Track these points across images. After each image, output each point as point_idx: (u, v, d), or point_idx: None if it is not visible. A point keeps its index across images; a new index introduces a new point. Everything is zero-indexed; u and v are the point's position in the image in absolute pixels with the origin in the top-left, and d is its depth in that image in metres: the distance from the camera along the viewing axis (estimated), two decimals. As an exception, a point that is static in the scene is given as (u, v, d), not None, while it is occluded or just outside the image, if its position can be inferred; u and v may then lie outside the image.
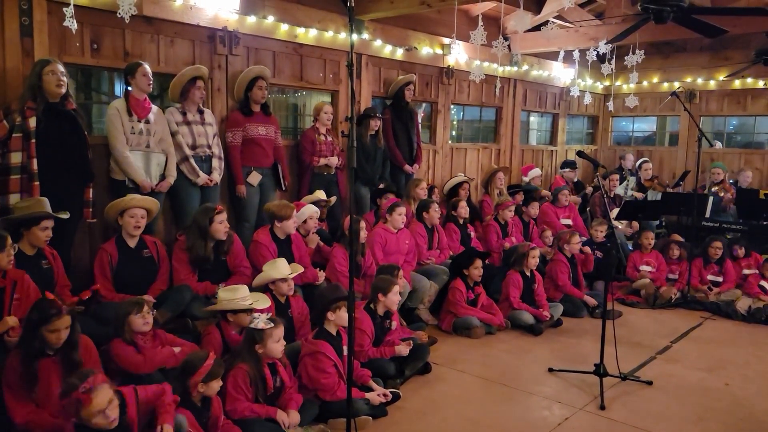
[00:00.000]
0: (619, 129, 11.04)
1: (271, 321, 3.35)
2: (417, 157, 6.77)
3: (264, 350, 3.32)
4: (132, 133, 4.40)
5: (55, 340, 2.94)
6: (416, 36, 7.07)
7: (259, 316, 3.36)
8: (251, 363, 3.28)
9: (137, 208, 4.12)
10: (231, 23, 5.24)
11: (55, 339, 2.94)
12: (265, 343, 3.31)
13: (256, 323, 3.32)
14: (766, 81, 8.89)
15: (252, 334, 3.33)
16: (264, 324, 3.29)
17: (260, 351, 3.32)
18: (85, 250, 4.56)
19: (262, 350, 3.32)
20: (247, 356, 3.30)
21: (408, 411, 3.83)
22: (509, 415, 3.81)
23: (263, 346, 3.32)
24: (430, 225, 5.98)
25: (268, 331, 3.30)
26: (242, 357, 3.30)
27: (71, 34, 4.17)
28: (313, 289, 4.66)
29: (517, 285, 5.57)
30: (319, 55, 6.08)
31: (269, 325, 3.31)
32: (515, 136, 8.80)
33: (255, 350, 3.31)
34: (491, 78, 6.64)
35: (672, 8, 4.92)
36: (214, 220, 4.31)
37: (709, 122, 10.10)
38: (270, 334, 3.30)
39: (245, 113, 5.24)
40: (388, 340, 4.35)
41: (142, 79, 4.41)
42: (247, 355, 3.31)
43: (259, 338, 3.31)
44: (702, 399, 4.09)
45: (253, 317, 3.40)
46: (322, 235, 5.35)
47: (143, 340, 3.40)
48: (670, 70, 9.71)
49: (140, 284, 4.10)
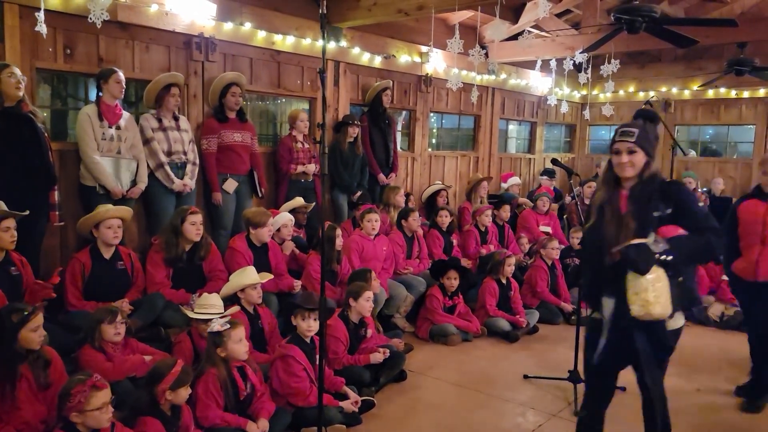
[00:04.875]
0: (597, 137, 11.17)
1: (228, 323, 3.32)
2: (393, 165, 6.77)
3: (226, 353, 3.29)
4: (103, 138, 4.36)
5: (38, 339, 2.91)
6: (394, 44, 7.11)
7: (216, 320, 3.33)
8: (220, 367, 3.25)
9: (113, 219, 4.07)
10: (207, 30, 5.22)
11: (37, 338, 2.90)
12: (225, 346, 3.28)
13: (212, 327, 3.29)
14: (739, 91, 9.07)
15: (212, 338, 3.30)
16: (220, 326, 3.26)
17: (223, 354, 3.29)
18: (57, 258, 4.49)
19: (225, 353, 3.29)
20: (215, 361, 3.27)
21: (382, 419, 3.82)
22: (483, 422, 3.82)
23: (225, 348, 3.28)
24: (409, 233, 5.98)
25: (227, 333, 3.27)
26: (210, 362, 3.27)
27: (44, 39, 4.12)
28: (289, 298, 4.64)
29: (493, 293, 5.59)
30: (297, 63, 6.08)
31: (226, 326, 3.28)
32: (494, 144, 8.87)
33: (218, 354, 3.28)
34: (469, 86, 6.70)
35: (644, 18, 5.00)
36: (186, 220, 4.27)
37: (685, 131, 10.27)
38: (229, 336, 3.27)
39: (220, 120, 5.21)
40: (364, 347, 4.34)
41: (114, 86, 4.38)
42: (214, 360, 3.27)
43: (219, 341, 3.28)
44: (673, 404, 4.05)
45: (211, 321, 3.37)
46: (298, 243, 5.33)
47: (113, 348, 3.35)
48: (645, 80, 9.86)
49: (111, 296, 4.02)
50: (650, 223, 2.54)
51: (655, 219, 2.56)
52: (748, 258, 3.97)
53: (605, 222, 2.66)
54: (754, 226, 3.94)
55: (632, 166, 2.62)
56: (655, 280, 2.44)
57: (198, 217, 4.34)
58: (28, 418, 2.85)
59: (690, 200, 2.63)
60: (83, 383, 2.58)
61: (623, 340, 2.63)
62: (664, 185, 2.64)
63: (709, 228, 2.54)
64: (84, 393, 2.56)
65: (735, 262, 4.05)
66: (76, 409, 2.57)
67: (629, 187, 2.66)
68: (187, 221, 4.27)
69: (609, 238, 2.61)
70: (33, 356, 2.95)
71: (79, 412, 2.57)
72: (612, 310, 2.66)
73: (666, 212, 2.56)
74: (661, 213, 2.56)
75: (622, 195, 2.67)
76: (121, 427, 2.77)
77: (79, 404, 2.56)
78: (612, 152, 2.68)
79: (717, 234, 2.54)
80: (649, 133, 2.66)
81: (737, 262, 4.04)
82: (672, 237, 2.48)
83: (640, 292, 2.46)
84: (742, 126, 9.40)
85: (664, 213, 2.56)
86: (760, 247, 3.91)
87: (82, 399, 2.55)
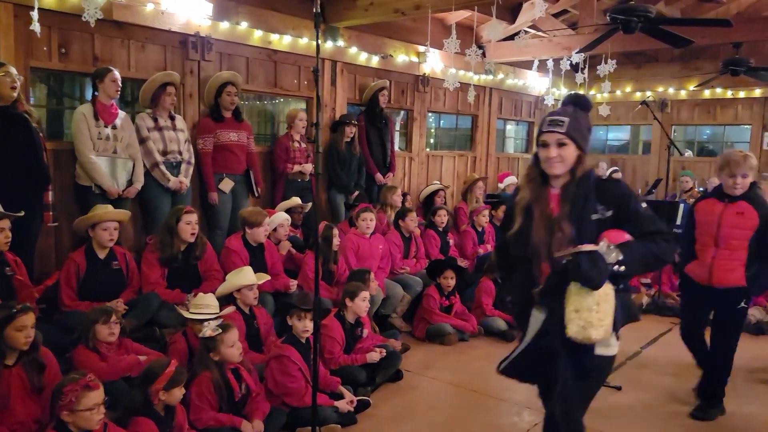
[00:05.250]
0: (594, 137, 11.15)
1: (221, 327, 3.31)
2: (391, 165, 6.77)
3: (220, 357, 3.28)
4: (99, 138, 4.35)
5: (23, 339, 2.86)
6: (392, 44, 7.10)
7: (208, 324, 3.32)
8: (213, 371, 3.25)
9: (109, 221, 4.06)
10: (203, 29, 5.21)
11: (23, 338, 2.85)
12: (218, 350, 3.28)
13: (204, 332, 3.28)
14: (735, 91, 9.09)
15: (205, 343, 3.29)
16: (212, 331, 3.26)
17: (216, 358, 3.28)
18: (51, 259, 4.48)
19: (218, 357, 3.28)
20: (208, 365, 3.27)
21: (378, 418, 3.81)
22: (479, 422, 3.82)
23: (218, 353, 3.28)
24: (407, 233, 5.97)
25: (219, 337, 3.26)
26: (204, 365, 3.27)
27: (38, 38, 4.09)
28: (285, 298, 4.63)
29: (490, 292, 5.59)
30: (294, 62, 6.07)
31: (218, 331, 3.27)
32: (491, 144, 8.87)
33: (211, 358, 3.28)
34: (466, 86, 6.71)
35: (639, 18, 5.00)
36: (181, 220, 4.26)
37: (682, 131, 10.29)
38: (222, 340, 3.27)
39: (216, 119, 5.20)
40: (360, 347, 4.33)
41: (110, 85, 4.37)
42: (207, 364, 3.27)
43: (212, 346, 3.27)
44: (668, 404, 4.14)
45: (203, 326, 3.36)
46: (295, 243, 5.32)
47: (107, 348, 3.35)
48: (642, 80, 9.87)
49: (106, 296, 4.00)
50: (589, 227, 2.22)
51: (594, 222, 2.23)
52: (702, 260, 3.75)
53: (534, 226, 2.30)
54: (709, 227, 3.70)
55: (562, 162, 2.26)
56: (603, 299, 2.13)
57: (193, 217, 4.33)
58: (21, 418, 2.84)
59: (633, 201, 2.29)
60: (75, 382, 2.57)
61: (539, 358, 2.32)
62: (600, 184, 2.31)
63: (658, 232, 2.24)
64: (75, 392, 2.55)
65: (690, 264, 3.84)
66: (67, 408, 2.56)
67: (560, 186, 2.31)
68: (182, 221, 4.26)
69: (538, 244, 2.28)
70: (27, 358, 2.93)
71: (70, 411, 2.56)
72: (539, 326, 2.31)
73: (606, 215, 2.23)
74: (601, 215, 2.23)
75: (551, 195, 2.32)
76: (114, 427, 2.76)
77: (71, 403, 2.55)
78: (538, 144, 2.33)
79: (667, 238, 2.26)
80: (581, 123, 2.31)
81: (692, 264, 3.82)
82: (621, 243, 2.15)
83: (582, 310, 2.12)
84: (739, 126, 9.42)
85: (604, 215, 2.23)
86: (714, 249, 3.67)
87: (73, 398, 2.54)
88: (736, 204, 3.64)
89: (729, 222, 3.64)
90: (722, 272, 3.67)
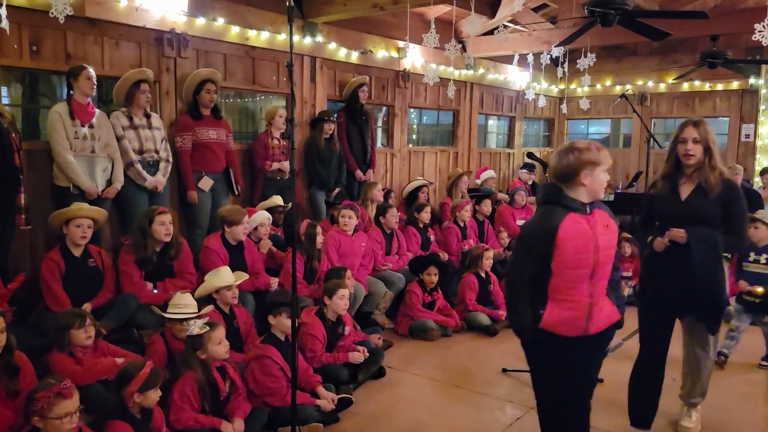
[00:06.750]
0: (576, 131, 11.23)
1: (207, 325, 3.27)
2: (371, 162, 6.73)
3: (207, 355, 3.25)
4: (75, 137, 4.26)
5: None
6: (371, 39, 7.07)
7: (194, 323, 3.28)
8: (199, 370, 3.20)
9: (83, 218, 3.98)
10: (179, 25, 5.14)
11: None
12: (205, 348, 3.24)
13: (191, 330, 3.24)
14: (713, 83, 9.18)
15: (191, 342, 3.25)
16: (200, 329, 3.22)
17: (203, 356, 3.24)
18: (26, 261, 4.39)
19: (205, 355, 3.24)
20: (194, 364, 3.22)
21: (360, 416, 3.79)
22: (462, 417, 3.81)
23: (204, 351, 3.24)
24: (388, 230, 5.95)
25: (206, 335, 3.23)
26: (188, 365, 3.22)
27: (8, 36, 4.01)
28: (265, 296, 4.59)
29: (473, 287, 5.59)
30: (272, 58, 6.01)
31: (205, 329, 3.23)
32: (473, 139, 8.87)
33: (198, 357, 3.23)
34: (447, 81, 6.70)
35: (617, 11, 5.00)
36: (155, 221, 4.19)
37: (662, 124, 10.37)
38: (209, 338, 3.23)
39: (194, 117, 5.14)
40: (342, 345, 4.31)
41: (85, 83, 4.28)
42: (192, 363, 3.22)
43: (199, 345, 3.23)
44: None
45: (188, 324, 3.32)
46: (276, 241, 5.28)
47: (82, 352, 3.29)
48: (622, 73, 9.94)
49: (85, 294, 3.95)
50: None
51: None
52: None
53: None
54: None
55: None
56: None
57: (167, 217, 4.25)
58: (-5, 423, 2.78)
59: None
60: (49, 389, 2.51)
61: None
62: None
63: None
64: (48, 399, 2.49)
65: None
66: (38, 414, 2.50)
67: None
68: (156, 222, 4.19)
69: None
70: (1, 362, 2.87)
71: (42, 417, 2.50)
72: None
73: None
74: None
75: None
76: (89, 431, 2.71)
77: (42, 410, 2.49)
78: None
79: None
80: None
81: None
82: None
83: None
84: (717, 118, 9.51)
85: None
86: None
87: (45, 405, 2.49)
88: None
89: None
90: None
